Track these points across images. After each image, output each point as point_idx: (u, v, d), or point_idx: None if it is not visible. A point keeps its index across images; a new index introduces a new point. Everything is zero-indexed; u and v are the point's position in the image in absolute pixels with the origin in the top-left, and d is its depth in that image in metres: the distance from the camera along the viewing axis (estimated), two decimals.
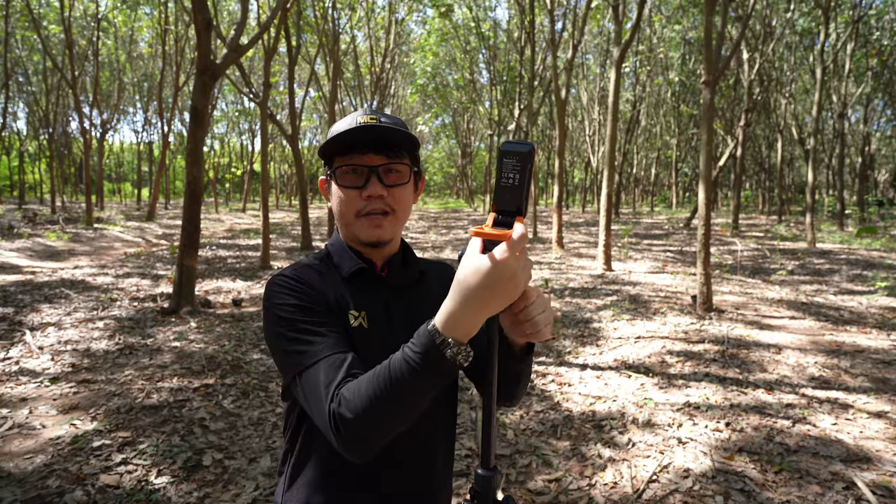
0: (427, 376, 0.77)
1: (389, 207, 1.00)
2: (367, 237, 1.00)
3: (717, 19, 8.80)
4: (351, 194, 0.99)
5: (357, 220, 1.00)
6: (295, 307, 0.93)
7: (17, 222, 16.47)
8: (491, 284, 0.73)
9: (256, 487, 2.88)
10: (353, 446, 0.81)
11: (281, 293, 0.95)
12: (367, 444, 0.81)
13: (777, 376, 4.43)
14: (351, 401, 0.80)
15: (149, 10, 20.83)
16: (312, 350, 0.88)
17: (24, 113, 35.28)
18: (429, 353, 0.77)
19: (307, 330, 0.90)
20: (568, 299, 7.55)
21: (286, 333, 0.91)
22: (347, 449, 0.81)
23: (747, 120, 16.40)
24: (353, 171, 0.99)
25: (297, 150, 13.11)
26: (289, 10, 10.30)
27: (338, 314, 0.97)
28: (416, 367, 0.77)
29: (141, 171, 34.32)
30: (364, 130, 0.96)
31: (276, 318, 0.93)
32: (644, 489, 2.86)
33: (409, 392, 0.78)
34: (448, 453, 1.11)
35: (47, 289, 7.68)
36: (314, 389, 0.85)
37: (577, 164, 43.28)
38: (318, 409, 0.84)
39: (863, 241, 13.97)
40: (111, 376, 4.31)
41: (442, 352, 0.76)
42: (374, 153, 0.98)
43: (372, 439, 0.81)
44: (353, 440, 0.80)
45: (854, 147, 30.50)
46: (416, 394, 0.79)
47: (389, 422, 0.80)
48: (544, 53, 18.21)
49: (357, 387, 0.81)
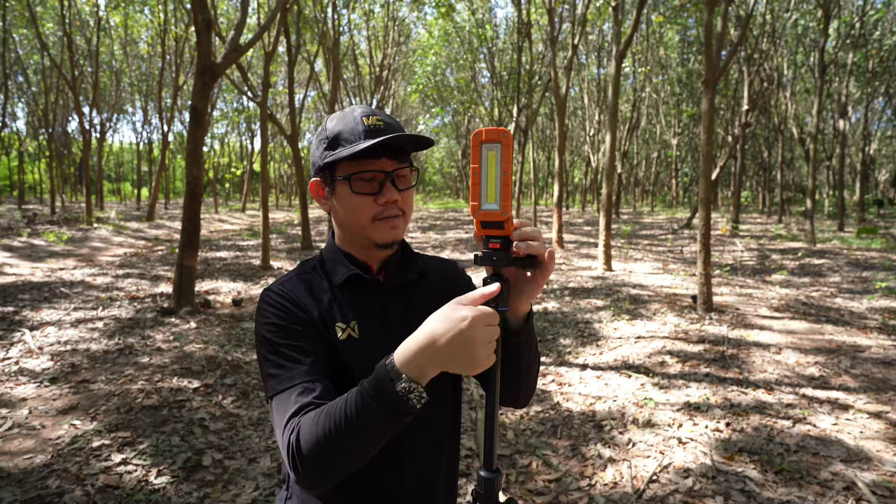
0: (377, 411, 0.76)
1: (402, 210, 1.00)
2: (383, 239, 0.99)
3: (718, 19, 8.79)
4: (366, 201, 0.97)
5: (373, 225, 0.98)
6: (276, 327, 0.93)
7: (16, 222, 16.47)
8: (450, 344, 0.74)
9: (256, 488, 2.87)
10: (308, 479, 0.81)
11: (266, 311, 0.96)
12: (320, 478, 0.81)
13: (777, 376, 4.43)
14: (305, 433, 0.80)
15: (148, 10, 20.81)
16: (286, 376, 0.89)
17: (24, 112, 35.33)
18: (380, 384, 0.76)
19: (284, 354, 0.91)
20: (568, 299, 7.54)
21: (266, 355, 0.92)
22: (301, 481, 0.81)
23: (747, 120, 16.40)
24: (370, 178, 0.97)
25: (297, 149, 13.12)
26: (288, 9, 10.30)
27: (323, 331, 0.96)
28: (367, 400, 0.76)
29: (140, 170, 34.34)
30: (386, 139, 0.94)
31: (261, 338, 0.94)
32: (644, 489, 2.85)
33: (360, 426, 0.77)
34: (452, 462, 1.09)
35: (47, 289, 7.68)
36: (279, 417, 0.86)
37: (577, 163, 43.29)
38: (280, 437, 0.84)
39: (863, 241, 13.97)
40: (111, 376, 4.31)
41: (393, 386, 0.75)
42: (387, 158, 0.97)
43: (325, 473, 0.80)
44: (306, 473, 0.80)
45: (854, 147, 30.51)
46: (367, 429, 0.77)
47: (340, 457, 0.79)
48: (544, 53, 18.21)
49: (314, 418, 0.80)
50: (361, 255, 1.04)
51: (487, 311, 0.74)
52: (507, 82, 20.14)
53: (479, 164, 0.77)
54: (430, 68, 24.27)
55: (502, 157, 0.76)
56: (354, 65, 20.94)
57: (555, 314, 6.75)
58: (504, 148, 0.76)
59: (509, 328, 0.92)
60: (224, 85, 26.80)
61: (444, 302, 0.78)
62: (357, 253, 1.04)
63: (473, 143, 0.77)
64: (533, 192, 19.06)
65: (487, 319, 0.74)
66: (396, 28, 21.03)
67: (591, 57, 25.83)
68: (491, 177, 0.76)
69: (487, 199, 0.78)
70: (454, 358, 0.74)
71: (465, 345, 0.73)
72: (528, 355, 0.98)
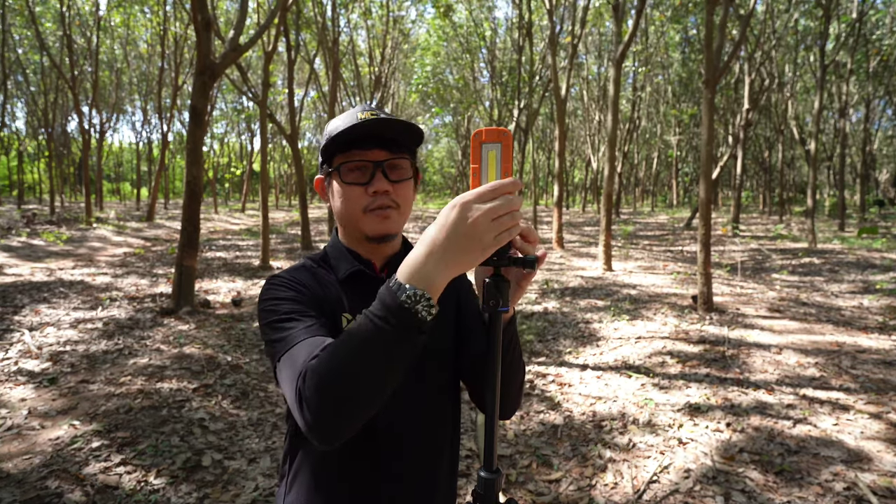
0: (385, 331, 0.71)
1: (395, 203, 0.98)
2: (374, 231, 0.98)
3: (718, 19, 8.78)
4: (356, 191, 0.97)
5: (364, 216, 0.97)
6: (282, 299, 0.92)
7: (15, 222, 16.46)
8: (449, 236, 0.69)
9: (256, 488, 2.87)
10: (319, 426, 0.73)
11: (272, 290, 0.94)
12: (331, 423, 0.73)
13: (777, 377, 4.42)
14: (312, 374, 0.73)
15: (147, 9, 20.80)
16: (292, 335, 0.86)
17: (23, 112, 35.32)
18: (384, 300, 0.71)
19: (290, 318, 0.88)
20: (568, 299, 7.54)
21: (272, 324, 0.90)
22: (312, 427, 0.74)
23: (748, 120, 16.39)
24: (358, 167, 0.96)
25: (297, 149, 13.12)
26: (288, 9, 10.29)
27: (330, 315, 0.95)
28: (372, 320, 0.71)
29: (140, 170, 34.34)
30: (370, 125, 0.94)
31: (264, 313, 0.92)
32: (644, 490, 2.85)
33: (368, 352, 0.72)
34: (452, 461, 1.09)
35: (46, 289, 7.68)
36: (289, 371, 0.80)
37: (577, 163, 43.29)
38: (289, 390, 0.79)
39: (863, 241, 13.96)
40: (110, 377, 4.30)
41: (397, 297, 0.70)
42: (378, 148, 0.96)
43: (336, 415, 0.73)
44: (316, 418, 0.73)
45: (855, 147, 30.50)
46: (375, 354, 0.72)
47: (350, 393, 0.72)
48: (544, 52, 18.21)
49: (320, 358, 0.75)
50: (364, 251, 1.03)
51: (477, 191, 0.70)
52: (507, 82, 20.13)
53: (479, 163, 0.77)
54: (429, 69, 24.27)
55: (502, 157, 0.76)
56: (354, 64, 20.94)
57: (555, 314, 6.74)
58: (504, 148, 0.76)
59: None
60: (224, 85, 26.80)
61: (447, 302, 0.78)
62: (360, 249, 1.03)
63: (473, 143, 0.77)
64: (533, 192, 19.07)
65: (478, 199, 0.69)
66: (396, 27, 21.02)
67: (591, 56, 25.84)
68: (491, 177, 0.76)
69: None
70: (459, 249, 0.70)
71: (466, 232, 0.69)
72: (510, 362, 0.95)
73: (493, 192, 0.70)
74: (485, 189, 0.70)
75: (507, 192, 0.70)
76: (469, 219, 0.69)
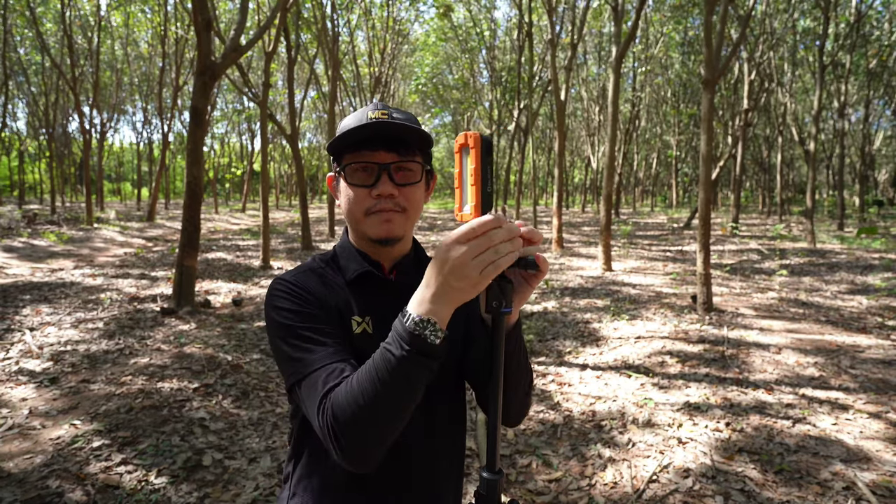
0: (400, 359, 0.76)
1: (400, 207, 0.96)
2: (376, 233, 0.97)
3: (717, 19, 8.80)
4: (360, 193, 0.96)
5: (366, 219, 0.97)
6: (294, 313, 0.92)
7: (16, 223, 16.47)
8: (442, 274, 0.74)
9: (256, 488, 2.88)
10: (350, 455, 0.79)
11: (280, 297, 0.93)
12: (361, 452, 0.79)
13: (777, 376, 4.43)
14: (337, 406, 0.79)
15: (148, 9, 20.82)
16: (311, 359, 0.87)
17: (24, 113, 35.35)
18: (395, 332, 0.78)
19: (306, 337, 0.89)
20: (568, 299, 7.55)
21: (287, 340, 0.90)
22: (345, 456, 0.79)
23: (747, 120, 16.39)
24: (364, 168, 0.96)
25: (297, 149, 13.13)
26: (288, 10, 10.30)
27: (339, 321, 0.95)
28: (387, 352, 0.77)
29: (141, 170, 34.35)
30: (375, 126, 0.93)
31: (276, 325, 0.92)
32: (644, 489, 2.86)
33: (387, 382, 0.77)
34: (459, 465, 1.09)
35: (47, 289, 7.68)
36: (311, 399, 0.84)
37: (577, 164, 43.30)
38: (314, 419, 0.83)
39: (863, 241, 13.96)
40: (111, 376, 4.31)
41: (406, 325, 0.76)
42: (385, 150, 0.95)
43: (365, 444, 0.79)
44: (346, 448, 0.79)
45: (854, 147, 30.50)
46: (394, 382, 0.77)
47: (376, 422, 0.78)
48: (544, 53, 18.21)
49: (343, 389, 0.80)
50: (373, 252, 1.02)
51: (457, 232, 0.73)
52: (507, 82, 20.15)
53: (460, 168, 0.80)
54: (428, 69, 24.29)
55: (473, 160, 0.77)
56: (354, 65, 20.95)
57: (555, 314, 6.75)
58: (473, 151, 0.77)
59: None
60: (224, 85, 26.82)
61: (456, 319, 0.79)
62: (369, 250, 1.03)
63: (455, 150, 0.80)
64: (533, 192, 19.06)
65: (459, 241, 0.73)
66: (395, 27, 21.03)
67: (591, 57, 25.84)
68: (468, 181, 0.78)
69: (467, 202, 0.79)
70: (452, 287, 0.74)
71: (454, 270, 0.73)
72: (516, 367, 0.94)
73: (472, 233, 0.73)
74: (465, 230, 0.73)
75: (487, 230, 0.73)
76: (452, 259, 0.73)
